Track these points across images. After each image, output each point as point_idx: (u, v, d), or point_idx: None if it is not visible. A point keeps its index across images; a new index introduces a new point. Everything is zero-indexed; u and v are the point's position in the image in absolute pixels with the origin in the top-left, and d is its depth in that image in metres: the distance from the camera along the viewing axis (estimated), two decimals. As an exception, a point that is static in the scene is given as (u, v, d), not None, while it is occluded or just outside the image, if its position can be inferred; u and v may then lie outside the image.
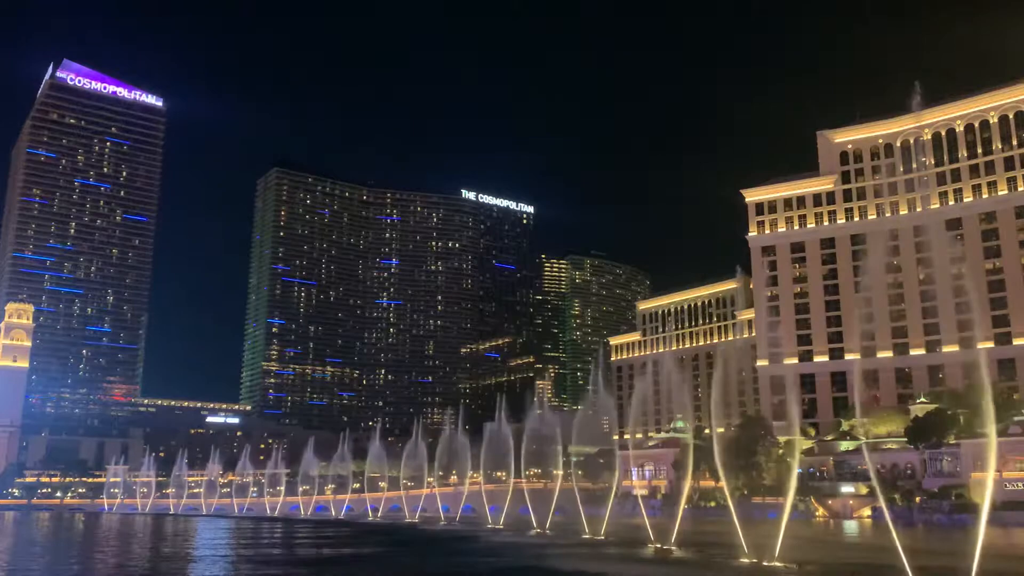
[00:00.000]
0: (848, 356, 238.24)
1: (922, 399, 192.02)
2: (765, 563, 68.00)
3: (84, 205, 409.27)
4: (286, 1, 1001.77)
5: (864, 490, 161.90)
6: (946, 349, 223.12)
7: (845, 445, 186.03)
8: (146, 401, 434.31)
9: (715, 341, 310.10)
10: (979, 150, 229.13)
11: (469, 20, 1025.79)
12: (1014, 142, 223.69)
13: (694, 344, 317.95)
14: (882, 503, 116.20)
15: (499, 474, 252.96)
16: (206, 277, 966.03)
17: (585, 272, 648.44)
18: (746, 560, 70.82)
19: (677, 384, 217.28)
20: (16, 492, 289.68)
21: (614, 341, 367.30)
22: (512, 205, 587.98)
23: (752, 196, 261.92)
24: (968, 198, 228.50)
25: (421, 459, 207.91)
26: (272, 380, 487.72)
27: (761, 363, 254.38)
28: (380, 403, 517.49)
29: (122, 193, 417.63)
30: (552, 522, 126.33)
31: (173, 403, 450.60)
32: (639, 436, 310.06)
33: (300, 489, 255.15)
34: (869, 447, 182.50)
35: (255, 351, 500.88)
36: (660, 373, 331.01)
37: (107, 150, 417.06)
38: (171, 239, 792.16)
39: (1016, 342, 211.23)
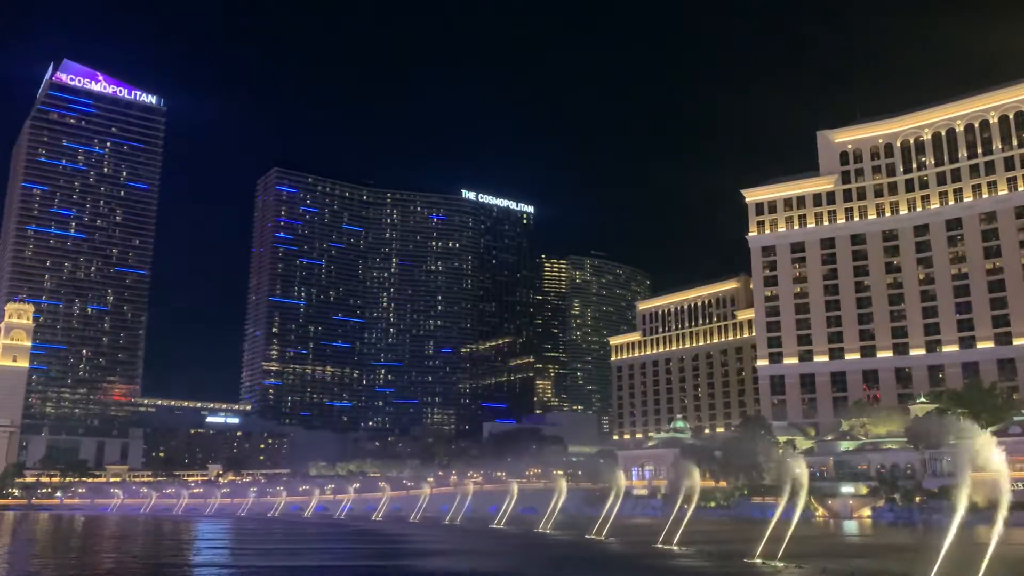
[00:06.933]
0: (848, 356, 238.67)
1: (922, 399, 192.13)
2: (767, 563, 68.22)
3: (84, 205, 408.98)
4: (287, 1, 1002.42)
5: (864, 490, 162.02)
6: (946, 349, 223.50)
7: (845, 445, 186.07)
8: (146, 401, 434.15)
9: (715, 341, 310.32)
10: (979, 150, 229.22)
11: (469, 20, 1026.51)
12: (1014, 142, 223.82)
13: (694, 344, 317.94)
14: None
15: (499, 474, 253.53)
16: (206, 277, 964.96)
17: (585, 272, 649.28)
18: (751, 560, 71.17)
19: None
20: (16, 492, 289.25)
21: (614, 341, 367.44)
22: (512, 205, 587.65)
23: (752, 196, 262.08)
24: (968, 198, 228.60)
25: (421, 459, 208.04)
26: (272, 380, 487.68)
27: (761, 363, 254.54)
28: (380, 403, 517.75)
29: (122, 193, 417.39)
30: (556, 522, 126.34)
31: (173, 403, 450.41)
32: (639, 436, 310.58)
33: (300, 489, 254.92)
34: (869, 447, 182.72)
35: (255, 351, 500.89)
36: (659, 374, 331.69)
37: (107, 150, 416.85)
38: (171, 239, 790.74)
39: (1016, 342, 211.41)
